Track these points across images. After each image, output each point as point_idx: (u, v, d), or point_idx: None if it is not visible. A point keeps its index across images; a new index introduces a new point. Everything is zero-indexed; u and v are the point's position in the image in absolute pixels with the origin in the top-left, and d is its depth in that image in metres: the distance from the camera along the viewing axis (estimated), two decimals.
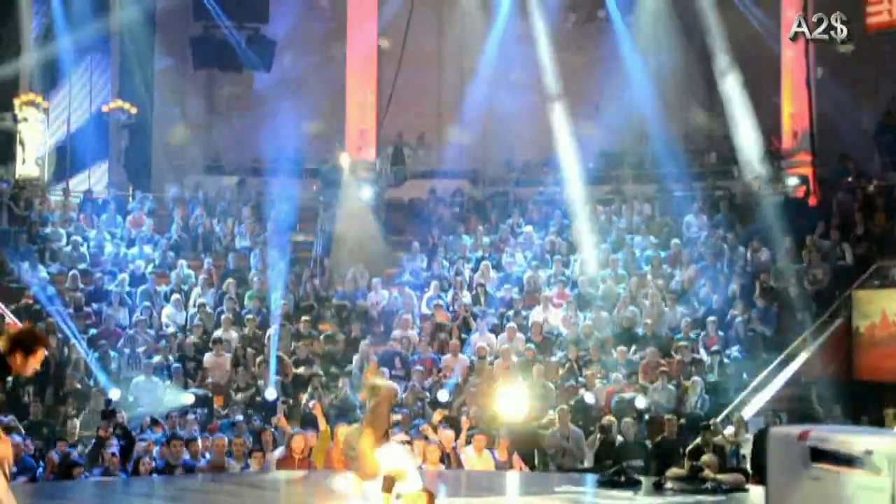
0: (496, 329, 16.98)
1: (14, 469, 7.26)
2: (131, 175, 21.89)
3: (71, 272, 17.49)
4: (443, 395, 15.03)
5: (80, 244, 18.55)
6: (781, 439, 7.69)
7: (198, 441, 12.88)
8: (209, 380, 15.57)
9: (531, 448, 13.84)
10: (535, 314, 17.25)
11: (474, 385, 15.23)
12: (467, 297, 17.79)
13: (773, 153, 20.48)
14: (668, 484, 10.25)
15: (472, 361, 15.90)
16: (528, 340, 16.48)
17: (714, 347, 16.15)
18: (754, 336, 16.36)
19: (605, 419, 14.07)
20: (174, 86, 23.00)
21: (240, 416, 14.20)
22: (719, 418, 14.36)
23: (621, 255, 18.69)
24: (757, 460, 12.55)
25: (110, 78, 22.48)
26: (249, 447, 12.76)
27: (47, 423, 14.08)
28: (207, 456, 12.52)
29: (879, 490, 6.83)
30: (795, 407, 15.19)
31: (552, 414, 14.51)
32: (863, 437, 7.19)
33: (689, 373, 15.65)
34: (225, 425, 13.88)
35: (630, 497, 9.75)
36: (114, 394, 14.53)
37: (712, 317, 16.72)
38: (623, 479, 10.39)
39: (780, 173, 20.18)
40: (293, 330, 16.62)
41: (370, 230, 19.92)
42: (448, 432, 12.62)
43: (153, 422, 13.56)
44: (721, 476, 10.87)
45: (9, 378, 6.65)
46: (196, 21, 22.75)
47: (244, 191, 21.47)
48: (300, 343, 16.23)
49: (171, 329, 16.69)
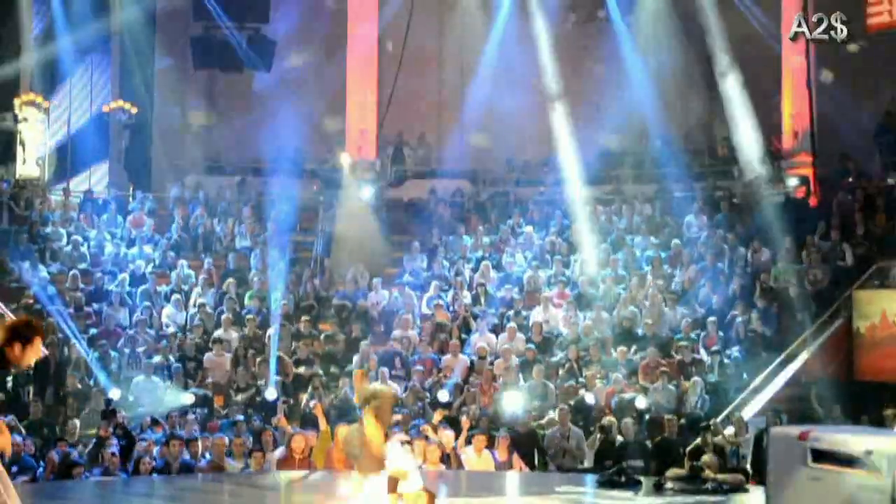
0: (496, 329, 16.95)
1: (14, 469, 7.25)
2: (132, 175, 21.90)
3: (71, 272, 17.48)
4: (443, 395, 15.00)
5: (81, 244, 18.53)
6: (781, 439, 7.71)
7: (198, 441, 12.90)
8: (209, 380, 15.56)
9: (531, 448, 13.81)
10: (536, 314, 17.23)
11: (474, 385, 15.22)
12: (467, 297, 17.76)
13: (774, 153, 20.48)
14: (669, 484, 10.27)
15: (473, 361, 15.89)
16: (529, 340, 16.46)
17: (714, 348, 16.13)
18: (754, 336, 16.32)
19: (606, 419, 14.06)
20: (174, 86, 22.99)
21: (240, 416, 14.17)
22: (719, 418, 14.32)
23: (621, 256, 18.66)
24: (757, 460, 12.56)
25: (110, 78, 22.47)
26: (249, 447, 12.77)
27: (47, 423, 14.06)
28: (207, 456, 12.53)
29: (879, 490, 6.83)
30: (795, 407, 15.15)
31: (552, 414, 14.51)
32: (863, 438, 7.21)
33: (690, 373, 15.63)
34: (225, 425, 13.87)
35: (630, 497, 9.78)
36: (114, 394, 14.53)
37: (712, 317, 16.68)
38: (623, 480, 10.42)
39: (781, 173, 20.18)
40: (293, 330, 16.61)
41: (370, 230, 19.89)
42: (448, 432, 12.63)
43: (153, 422, 13.57)
44: (721, 476, 10.90)
45: (8, 372, 6.63)
46: (196, 21, 22.74)
47: (244, 191, 21.46)
48: (300, 343, 16.22)
49: (172, 329, 16.68)
